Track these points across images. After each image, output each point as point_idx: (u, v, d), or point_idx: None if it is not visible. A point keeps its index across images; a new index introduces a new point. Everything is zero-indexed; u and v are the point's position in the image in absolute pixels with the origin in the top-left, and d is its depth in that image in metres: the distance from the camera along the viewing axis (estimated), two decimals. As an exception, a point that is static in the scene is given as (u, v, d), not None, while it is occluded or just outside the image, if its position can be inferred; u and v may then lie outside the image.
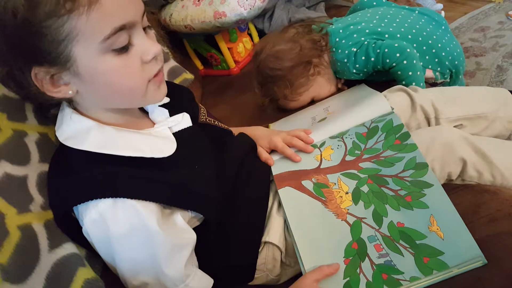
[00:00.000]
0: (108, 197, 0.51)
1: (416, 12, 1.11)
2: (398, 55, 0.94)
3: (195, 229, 0.59)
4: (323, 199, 0.69)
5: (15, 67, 0.51)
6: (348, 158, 0.74)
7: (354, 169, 0.71)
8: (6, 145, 0.55)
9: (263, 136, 0.86)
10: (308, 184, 0.72)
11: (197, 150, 0.66)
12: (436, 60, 1.02)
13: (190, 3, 1.37)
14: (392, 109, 0.78)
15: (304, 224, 0.67)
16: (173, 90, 0.70)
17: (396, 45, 0.95)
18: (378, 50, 0.96)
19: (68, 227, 0.55)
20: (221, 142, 0.74)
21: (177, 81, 1.12)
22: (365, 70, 1.01)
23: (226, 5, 1.30)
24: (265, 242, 0.69)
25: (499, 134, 0.84)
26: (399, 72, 0.96)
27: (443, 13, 1.76)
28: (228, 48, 1.48)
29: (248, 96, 1.37)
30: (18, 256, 0.47)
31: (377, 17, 1.07)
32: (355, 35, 1.02)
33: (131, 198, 0.52)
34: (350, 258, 0.60)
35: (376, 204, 0.64)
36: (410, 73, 0.94)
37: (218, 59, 1.52)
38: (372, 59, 0.97)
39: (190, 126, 0.68)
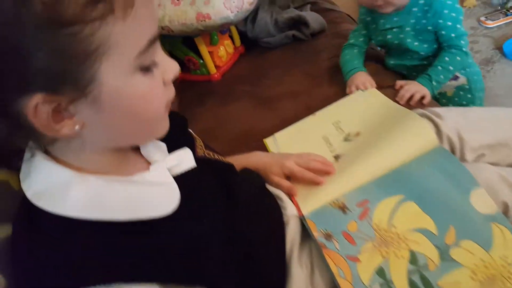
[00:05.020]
0: (99, 284, 0.38)
1: None
2: (462, 42, 0.98)
3: None
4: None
5: None
6: None
7: None
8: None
9: (272, 162, 0.75)
10: None
11: (203, 198, 0.53)
12: None
13: (168, 2, 1.23)
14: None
15: None
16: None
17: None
18: (453, 14, 0.96)
19: None
20: (225, 183, 0.60)
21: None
22: (429, 28, 0.98)
23: (210, 7, 1.17)
24: None
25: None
26: (446, 58, 0.99)
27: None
28: (209, 52, 1.35)
29: (234, 107, 1.24)
30: None
31: None
32: None
33: (127, 282, 0.40)
34: None
35: None
36: (451, 67, 0.98)
37: (197, 63, 1.39)
38: (453, 14, 0.95)
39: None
